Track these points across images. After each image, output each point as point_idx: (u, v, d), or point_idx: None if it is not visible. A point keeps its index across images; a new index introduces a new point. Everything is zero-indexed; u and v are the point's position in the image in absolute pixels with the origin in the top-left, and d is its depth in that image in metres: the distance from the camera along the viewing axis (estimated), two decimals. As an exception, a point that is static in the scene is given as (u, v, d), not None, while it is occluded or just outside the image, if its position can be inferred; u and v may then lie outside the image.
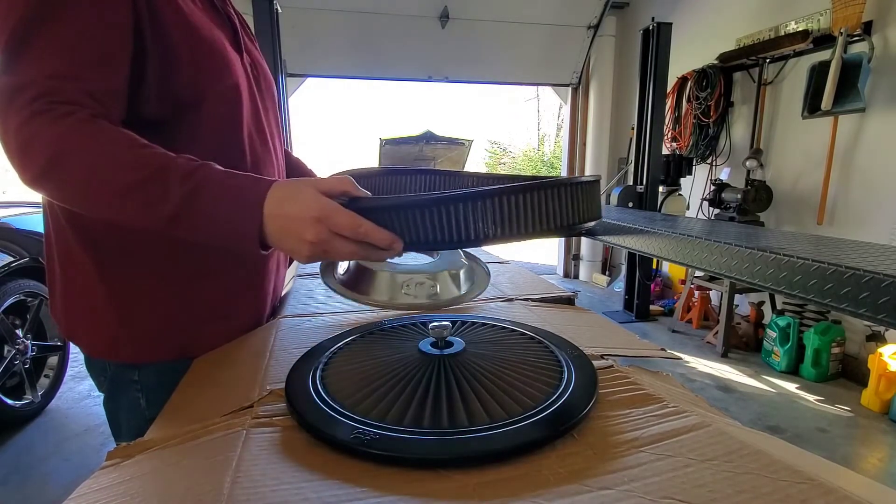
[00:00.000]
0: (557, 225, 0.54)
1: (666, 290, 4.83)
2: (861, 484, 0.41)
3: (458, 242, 0.52)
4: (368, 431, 0.45)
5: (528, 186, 0.51)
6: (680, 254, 0.81)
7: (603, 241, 0.91)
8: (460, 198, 0.51)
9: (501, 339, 0.68)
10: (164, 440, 0.51)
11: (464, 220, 0.51)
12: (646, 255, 0.88)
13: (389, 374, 0.55)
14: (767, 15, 3.58)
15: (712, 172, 4.09)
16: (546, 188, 0.53)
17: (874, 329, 2.91)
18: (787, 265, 0.63)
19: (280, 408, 0.54)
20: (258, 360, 0.67)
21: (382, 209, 0.53)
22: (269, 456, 0.45)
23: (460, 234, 0.51)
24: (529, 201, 0.52)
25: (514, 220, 0.51)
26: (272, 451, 0.45)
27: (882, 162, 2.89)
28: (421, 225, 0.52)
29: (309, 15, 4.51)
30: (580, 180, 0.55)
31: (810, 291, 0.64)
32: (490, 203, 0.50)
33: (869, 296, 0.52)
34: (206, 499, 0.39)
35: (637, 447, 0.45)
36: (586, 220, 0.58)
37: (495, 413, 0.48)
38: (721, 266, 0.82)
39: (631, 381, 0.58)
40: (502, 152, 21.25)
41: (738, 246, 0.70)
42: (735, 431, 0.47)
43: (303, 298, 0.98)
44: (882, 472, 2.21)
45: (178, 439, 0.50)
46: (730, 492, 0.38)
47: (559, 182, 0.53)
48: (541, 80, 5.87)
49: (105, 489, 0.44)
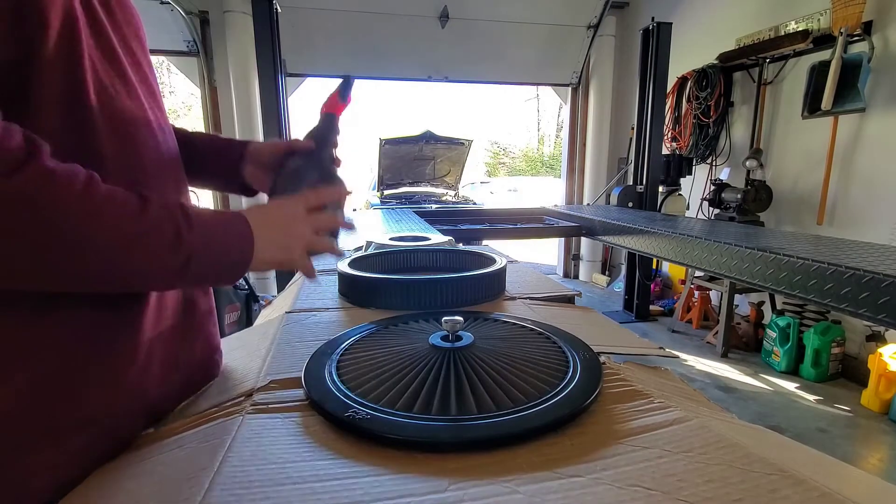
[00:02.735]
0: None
1: (666, 290, 4.84)
2: (859, 479, 0.42)
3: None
4: (362, 412, 0.48)
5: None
6: (680, 254, 0.81)
7: (603, 241, 0.92)
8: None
9: (511, 334, 0.70)
10: (168, 431, 0.52)
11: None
12: (646, 255, 0.88)
13: (398, 363, 0.58)
14: (767, 15, 3.58)
15: (712, 172, 4.09)
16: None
17: (874, 329, 2.92)
18: (787, 265, 0.63)
19: (279, 396, 0.55)
20: (261, 352, 0.69)
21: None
22: (260, 439, 0.46)
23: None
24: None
25: None
26: (265, 435, 0.47)
27: (882, 162, 2.89)
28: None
29: (308, 15, 4.52)
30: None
31: (810, 291, 0.64)
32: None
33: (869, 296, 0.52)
34: (198, 476, 0.41)
35: (616, 439, 0.46)
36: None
37: (485, 405, 0.50)
38: (721, 266, 0.83)
39: (621, 378, 0.59)
40: (502, 152, 21.27)
41: (738, 246, 0.71)
42: (718, 426, 0.48)
43: (311, 294, 1.00)
44: (882, 472, 2.21)
45: (181, 428, 0.52)
46: (698, 481, 0.39)
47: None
48: (541, 80, 5.88)
49: (107, 475, 0.45)
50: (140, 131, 0.53)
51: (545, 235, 3.83)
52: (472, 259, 1.14)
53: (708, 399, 0.60)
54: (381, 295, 0.89)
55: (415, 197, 6.35)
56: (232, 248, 0.53)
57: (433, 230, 1.97)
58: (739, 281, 1.96)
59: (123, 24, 0.54)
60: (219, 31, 4.63)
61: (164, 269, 0.47)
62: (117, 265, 0.44)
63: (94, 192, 0.42)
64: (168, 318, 0.57)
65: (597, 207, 4.40)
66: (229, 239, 0.53)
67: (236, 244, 0.53)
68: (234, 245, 0.53)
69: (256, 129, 4.53)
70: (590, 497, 0.37)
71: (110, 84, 0.50)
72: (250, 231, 0.54)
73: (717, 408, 0.59)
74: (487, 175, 19.37)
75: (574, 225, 3.57)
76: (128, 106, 0.52)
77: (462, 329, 0.64)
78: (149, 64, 0.58)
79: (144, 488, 0.42)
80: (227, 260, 0.53)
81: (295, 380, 0.59)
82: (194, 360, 0.62)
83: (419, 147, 6.22)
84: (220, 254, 0.52)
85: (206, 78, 4.88)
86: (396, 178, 6.58)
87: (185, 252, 0.47)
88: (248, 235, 0.54)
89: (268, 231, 0.56)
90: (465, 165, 6.72)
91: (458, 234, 2.82)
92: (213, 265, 0.51)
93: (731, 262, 1.96)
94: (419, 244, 1.25)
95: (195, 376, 0.63)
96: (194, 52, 4.82)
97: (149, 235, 0.45)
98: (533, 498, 0.37)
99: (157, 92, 0.59)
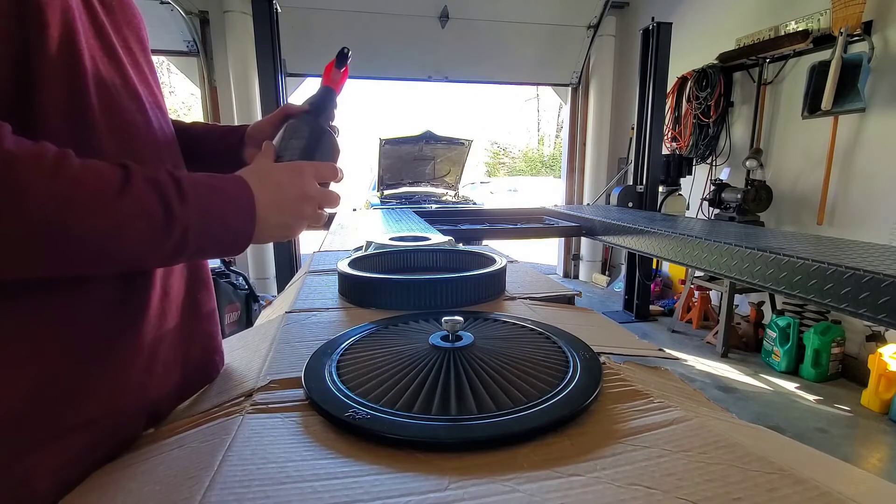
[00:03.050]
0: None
1: (666, 290, 4.84)
2: (859, 478, 0.42)
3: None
4: (362, 411, 0.48)
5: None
6: (680, 254, 0.81)
7: (603, 241, 0.93)
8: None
9: (511, 334, 0.70)
10: (168, 431, 0.52)
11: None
12: (646, 255, 0.88)
13: (398, 363, 0.58)
14: (767, 15, 3.58)
15: (712, 172, 4.09)
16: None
17: (874, 329, 2.92)
18: (787, 265, 0.63)
19: (279, 396, 0.55)
20: (261, 352, 0.69)
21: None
22: (260, 439, 0.46)
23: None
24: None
25: None
26: (265, 435, 0.47)
27: (882, 162, 2.89)
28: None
29: (308, 15, 4.52)
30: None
31: (810, 291, 0.64)
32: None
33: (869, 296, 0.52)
34: (198, 475, 0.41)
35: (616, 439, 0.46)
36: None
37: (485, 405, 0.50)
38: (721, 266, 0.83)
39: (621, 378, 0.59)
40: (502, 152, 21.27)
41: (738, 246, 0.71)
42: (718, 425, 0.48)
43: (311, 294, 1.00)
44: (882, 471, 2.21)
45: (182, 427, 0.52)
46: (698, 480, 0.39)
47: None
48: (541, 80, 5.88)
49: (107, 475, 0.45)
50: (140, 132, 0.52)
51: (545, 235, 3.83)
52: (472, 259, 1.14)
53: (708, 399, 0.61)
54: (381, 295, 0.89)
55: (415, 197, 6.35)
56: (233, 215, 0.50)
57: (433, 230, 1.97)
58: (739, 281, 1.96)
59: (124, 25, 0.54)
60: (219, 31, 4.64)
61: (158, 248, 0.44)
62: (103, 250, 0.41)
63: (66, 172, 0.38)
64: (171, 318, 0.56)
65: (597, 207, 4.40)
66: (229, 206, 0.49)
67: (237, 211, 0.50)
68: (235, 212, 0.50)
69: (256, 129, 4.52)
70: (589, 496, 0.37)
71: (111, 84, 0.49)
72: (251, 193, 0.51)
73: (717, 407, 0.59)
74: (487, 175, 19.38)
75: (574, 225, 3.57)
76: (128, 107, 0.51)
77: (462, 329, 0.64)
78: (149, 64, 0.57)
79: (144, 488, 0.42)
80: (229, 229, 0.49)
81: (295, 379, 0.59)
82: (195, 362, 0.61)
83: (419, 147, 6.22)
84: (220, 224, 0.48)
85: (206, 78, 4.88)
86: (396, 178, 6.58)
87: (180, 227, 0.44)
88: (248, 198, 0.51)
89: (270, 192, 0.53)
90: (465, 165, 6.72)
91: (458, 234, 2.82)
92: (212, 236, 0.48)
93: (731, 262, 1.96)
94: (419, 244, 1.25)
95: (195, 377, 0.62)
96: (194, 52, 4.82)
97: (134, 215, 0.41)
98: (533, 497, 0.37)
99: (157, 92, 0.57)
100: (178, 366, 0.57)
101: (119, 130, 0.49)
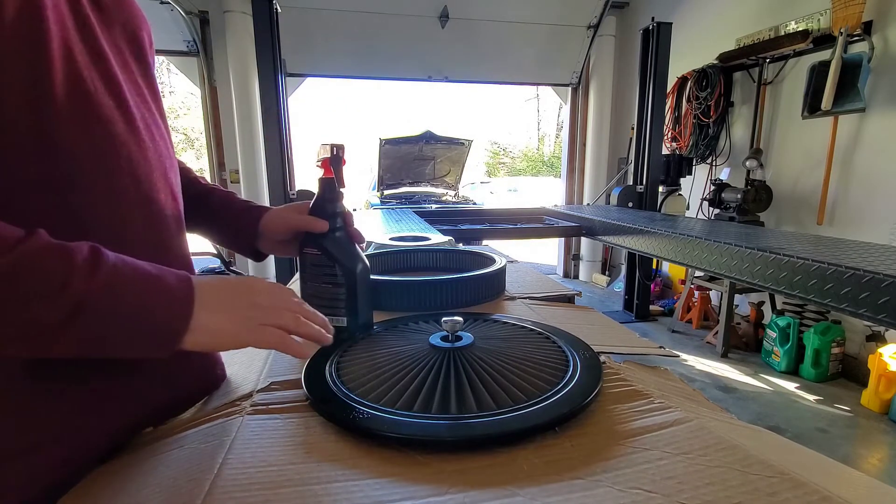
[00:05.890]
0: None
1: (666, 290, 4.84)
2: (860, 482, 0.42)
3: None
4: (362, 411, 0.48)
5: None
6: (680, 254, 0.81)
7: (603, 241, 0.92)
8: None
9: (511, 334, 0.70)
10: (169, 431, 0.52)
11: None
12: (646, 255, 0.88)
13: (398, 364, 0.58)
14: (767, 15, 3.58)
15: (712, 172, 4.09)
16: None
17: (874, 329, 2.92)
18: (787, 265, 0.63)
19: (279, 396, 0.55)
20: (262, 354, 0.69)
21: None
22: (260, 440, 0.46)
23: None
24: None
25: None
26: (265, 436, 0.47)
27: (882, 162, 2.89)
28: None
29: (309, 15, 4.52)
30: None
31: (810, 291, 0.64)
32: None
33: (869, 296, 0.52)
34: (198, 478, 0.41)
35: (616, 441, 0.46)
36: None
37: (485, 404, 0.50)
38: (721, 266, 0.83)
39: (621, 378, 0.59)
40: (502, 152, 21.27)
41: (738, 246, 0.71)
42: (717, 427, 0.48)
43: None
44: (882, 472, 2.21)
45: (182, 427, 0.52)
46: (698, 483, 0.39)
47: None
48: (541, 80, 5.88)
49: (107, 475, 0.45)
50: (120, 130, 0.49)
51: (545, 235, 3.83)
52: (472, 259, 1.14)
53: (708, 399, 0.60)
54: (381, 295, 0.89)
55: (415, 197, 6.35)
56: (156, 305, 0.42)
57: (433, 230, 1.97)
58: (739, 281, 1.96)
59: (118, 24, 0.52)
60: (219, 31, 4.64)
61: (32, 322, 0.36)
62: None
63: None
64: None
65: (597, 207, 4.40)
66: (160, 298, 0.42)
67: (164, 301, 0.42)
68: (161, 302, 0.42)
69: (256, 128, 4.53)
70: (590, 499, 0.37)
71: (89, 79, 0.46)
72: (190, 288, 0.44)
73: (717, 408, 0.59)
74: (487, 175, 19.37)
75: (574, 225, 3.57)
76: (107, 103, 0.48)
77: (462, 329, 0.64)
78: (143, 64, 0.56)
79: (144, 489, 0.42)
80: (145, 319, 0.41)
81: (295, 381, 0.59)
82: (193, 374, 0.60)
83: (419, 147, 6.22)
84: (138, 314, 0.40)
85: (206, 78, 4.88)
86: (396, 178, 6.58)
87: (71, 300, 0.37)
88: (185, 292, 0.44)
89: (221, 295, 0.47)
90: (465, 165, 6.72)
91: (458, 234, 2.82)
92: (118, 323, 0.40)
93: (731, 262, 1.96)
94: (419, 244, 1.25)
95: (194, 390, 0.60)
96: (194, 52, 4.82)
97: (16, 275, 0.35)
98: (533, 500, 0.37)
99: (146, 94, 0.55)
100: (175, 380, 0.57)
101: (91, 127, 0.47)
